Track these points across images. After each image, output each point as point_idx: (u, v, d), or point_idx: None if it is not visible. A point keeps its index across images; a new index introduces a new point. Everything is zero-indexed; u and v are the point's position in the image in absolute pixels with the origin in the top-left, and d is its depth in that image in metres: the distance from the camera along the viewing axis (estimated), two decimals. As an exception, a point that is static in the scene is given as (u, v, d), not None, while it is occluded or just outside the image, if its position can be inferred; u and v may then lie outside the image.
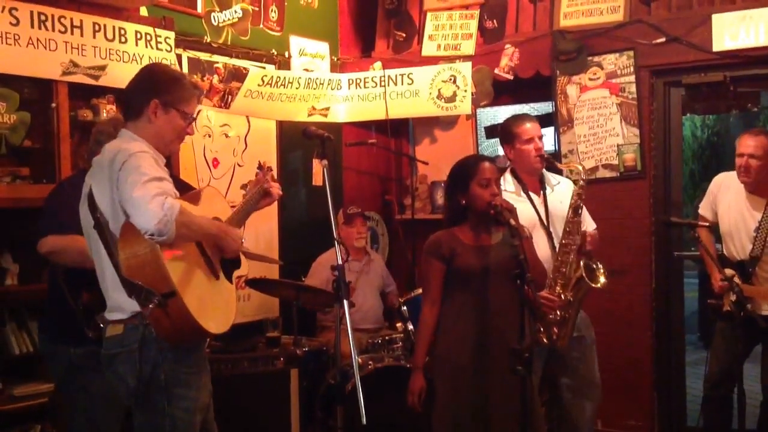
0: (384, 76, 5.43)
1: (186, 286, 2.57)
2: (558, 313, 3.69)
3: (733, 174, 4.36)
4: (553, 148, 5.14)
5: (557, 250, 3.76)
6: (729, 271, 4.16)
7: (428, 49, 5.54)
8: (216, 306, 2.73)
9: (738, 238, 4.29)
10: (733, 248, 4.31)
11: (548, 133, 5.30)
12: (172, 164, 4.16)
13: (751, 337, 4.19)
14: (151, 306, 2.49)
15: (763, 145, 4.14)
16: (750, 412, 4.25)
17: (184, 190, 3.09)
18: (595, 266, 3.76)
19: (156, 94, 2.72)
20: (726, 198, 4.38)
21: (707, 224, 4.40)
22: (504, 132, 3.97)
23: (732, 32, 4.55)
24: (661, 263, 4.93)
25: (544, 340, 3.69)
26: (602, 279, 3.74)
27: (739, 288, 3.98)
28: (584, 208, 3.81)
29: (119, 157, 2.54)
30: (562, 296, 3.68)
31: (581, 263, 3.70)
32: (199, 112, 2.87)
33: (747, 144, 4.19)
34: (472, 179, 3.37)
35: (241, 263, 3.02)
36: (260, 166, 3.35)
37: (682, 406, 5.05)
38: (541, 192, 3.90)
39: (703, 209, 4.52)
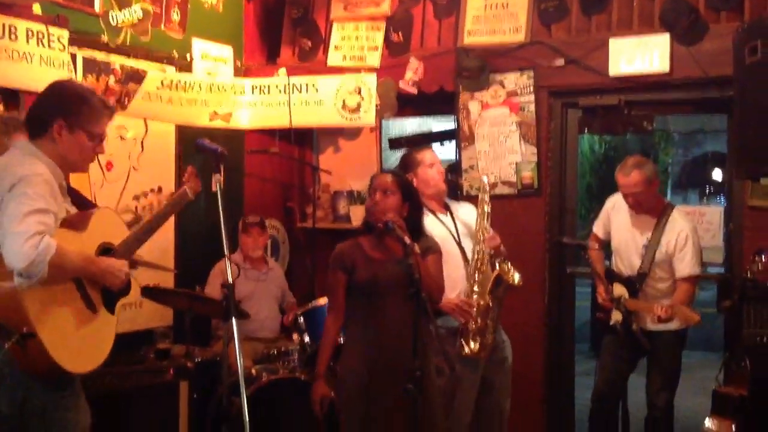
0: (288, 84, 5.36)
1: (50, 324, 2.48)
2: (478, 320, 3.79)
3: None
4: (455, 162, 5.20)
5: (471, 260, 3.94)
6: (618, 290, 4.31)
7: (334, 59, 5.52)
8: (85, 344, 2.64)
9: (627, 254, 4.44)
10: (622, 264, 4.47)
11: (451, 147, 5.39)
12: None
13: (636, 351, 4.35)
14: (7, 345, 2.40)
15: (635, 181, 4.27)
16: (634, 423, 4.42)
17: (81, 205, 2.97)
18: (507, 267, 3.98)
19: (61, 113, 2.65)
20: (618, 217, 4.53)
21: (596, 247, 4.56)
22: (406, 161, 4.18)
23: (628, 57, 4.69)
24: (554, 279, 5.04)
25: (465, 351, 3.83)
26: (517, 276, 3.99)
27: (625, 308, 4.17)
28: None
29: (9, 179, 2.46)
30: (480, 302, 3.82)
31: (496, 264, 3.93)
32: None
33: (625, 184, 4.31)
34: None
35: (130, 290, 2.92)
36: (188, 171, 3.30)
37: (570, 419, 5.17)
38: (447, 212, 4.10)
39: (597, 227, 4.67)
